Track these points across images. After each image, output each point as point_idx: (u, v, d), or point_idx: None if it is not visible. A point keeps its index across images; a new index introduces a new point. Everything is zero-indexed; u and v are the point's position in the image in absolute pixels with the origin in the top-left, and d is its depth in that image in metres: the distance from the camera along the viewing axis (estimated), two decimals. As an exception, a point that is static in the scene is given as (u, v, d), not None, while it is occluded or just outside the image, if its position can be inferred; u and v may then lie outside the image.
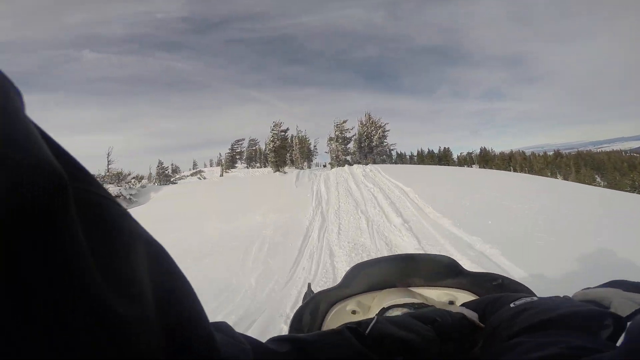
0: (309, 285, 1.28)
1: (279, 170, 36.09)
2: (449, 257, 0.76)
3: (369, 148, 36.28)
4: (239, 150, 60.89)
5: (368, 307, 0.75)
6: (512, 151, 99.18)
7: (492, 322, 0.45)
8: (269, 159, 37.94)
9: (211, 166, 62.20)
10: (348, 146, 31.97)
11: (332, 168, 30.75)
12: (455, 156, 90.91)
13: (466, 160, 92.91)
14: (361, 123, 37.84)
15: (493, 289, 0.68)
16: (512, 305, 0.44)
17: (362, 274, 0.77)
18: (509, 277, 0.70)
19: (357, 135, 36.32)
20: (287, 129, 38.50)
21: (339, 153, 29.95)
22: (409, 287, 0.75)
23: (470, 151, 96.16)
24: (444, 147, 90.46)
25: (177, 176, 45.40)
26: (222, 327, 0.36)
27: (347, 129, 32.30)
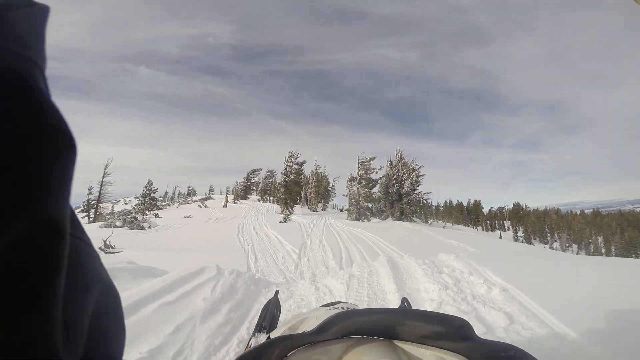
0: (277, 293, 1.12)
1: (287, 209, 29.50)
2: (463, 319, 0.57)
3: (398, 195, 29.35)
4: (254, 181, 55.58)
5: (338, 357, 0.58)
6: (546, 208, 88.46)
7: None
8: (278, 195, 31.67)
9: (228, 193, 56.99)
10: (373, 190, 25.03)
11: (348, 216, 23.97)
12: (485, 210, 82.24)
13: (497, 216, 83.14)
14: (390, 164, 31.26)
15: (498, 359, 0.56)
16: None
17: (346, 323, 0.58)
18: (523, 349, 0.56)
19: (384, 177, 29.66)
20: (304, 162, 32.47)
21: (361, 198, 23.00)
22: (395, 339, 0.60)
23: (502, 206, 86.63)
24: (475, 200, 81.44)
25: (165, 203, 40.01)
26: None
27: (374, 169, 25.60)
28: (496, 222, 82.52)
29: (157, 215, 25.99)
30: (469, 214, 77.93)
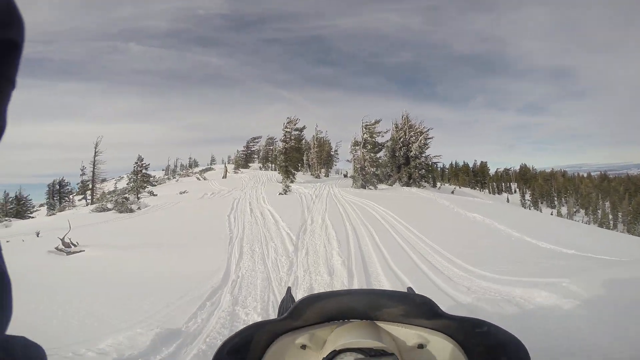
0: (289, 289, 1.06)
1: (287, 177, 27.69)
2: (425, 297, 0.60)
3: (405, 159, 27.22)
4: (254, 149, 53.45)
5: (323, 341, 0.61)
6: (552, 170, 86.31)
7: None
8: (278, 161, 29.70)
9: (227, 163, 55.21)
10: (379, 155, 22.92)
11: (353, 184, 22.07)
12: (491, 171, 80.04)
13: (503, 178, 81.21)
14: (396, 127, 28.77)
15: (475, 336, 0.57)
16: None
17: (316, 307, 0.60)
18: (496, 324, 0.58)
19: (390, 141, 27.34)
20: (304, 128, 30.13)
21: (366, 163, 20.98)
22: (377, 320, 0.62)
23: (508, 167, 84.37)
24: (481, 161, 79.10)
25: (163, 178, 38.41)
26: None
27: (379, 132, 23.28)
28: (502, 184, 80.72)
29: (152, 193, 24.37)
30: (475, 176, 75.95)
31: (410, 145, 27.36)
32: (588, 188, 67.99)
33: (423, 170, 27.16)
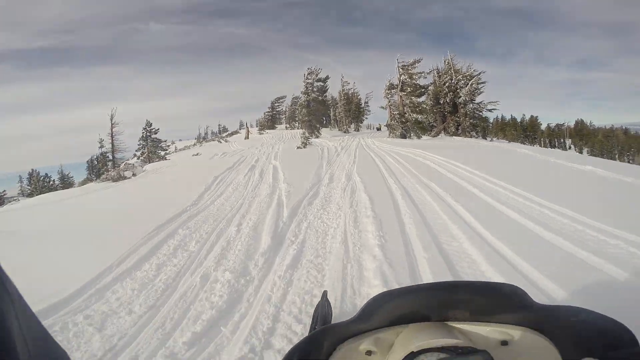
0: (325, 293, 1.01)
1: (312, 132, 23.77)
2: (514, 286, 0.50)
3: (453, 106, 21.93)
4: (280, 109, 49.46)
5: (389, 345, 0.54)
6: (612, 126, 74.21)
7: None
8: (299, 117, 25.71)
9: (249, 126, 52.29)
10: (421, 99, 17.98)
11: (390, 134, 17.61)
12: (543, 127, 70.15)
13: (556, 134, 71.02)
14: (438, 72, 22.92)
15: (569, 327, 0.47)
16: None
17: (387, 306, 0.53)
18: (594, 310, 0.47)
19: (432, 86, 21.95)
20: (327, 78, 25.36)
21: (406, 108, 16.36)
22: (447, 321, 0.53)
23: (561, 123, 73.42)
24: (531, 115, 69.13)
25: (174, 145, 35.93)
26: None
27: (420, 73, 18.11)
28: (555, 140, 70.93)
29: (163, 158, 21.85)
30: (524, 131, 66.77)
31: (458, 90, 21.81)
32: None
33: (475, 120, 21.79)
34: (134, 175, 14.10)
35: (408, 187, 4.91)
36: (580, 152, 60.90)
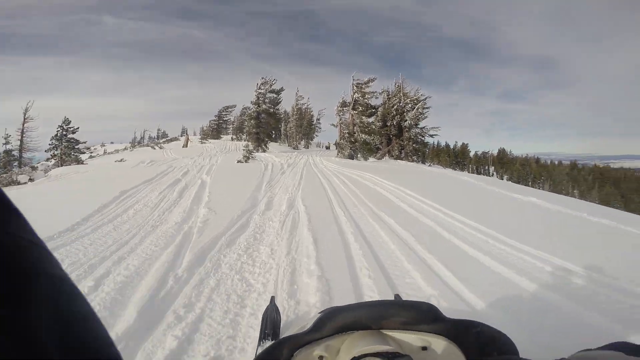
0: (273, 298, 1.12)
1: (259, 148, 22.39)
2: (429, 304, 0.67)
3: (398, 129, 22.58)
4: (227, 119, 47.01)
5: (337, 350, 0.66)
6: (527, 155, 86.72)
7: None
8: (247, 128, 24.21)
9: (188, 133, 48.70)
10: (370, 120, 17.98)
11: (338, 153, 17.20)
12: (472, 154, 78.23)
13: (481, 161, 79.77)
14: (387, 95, 23.68)
15: (470, 336, 0.63)
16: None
17: (336, 318, 0.66)
18: (487, 324, 0.65)
19: (381, 108, 22.42)
20: (282, 90, 24.46)
21: (356, 128, 16.11)
22: (382, 329, 0.67)
23: (486, 151, 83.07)
24: (462, 143, 76.71)
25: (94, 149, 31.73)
26: None
27: (373, 93, 18.23)
28: (481, 167, 79.74)
29: (80, 161, 18.42)
30: (456, 157, 73.55)
31: (405, 113, 22.61)
32: (561, 175, 69.83)
33: (417, 144, 22.66)
34: (30, 180, 11.23)
35: (361, 222, 4.00)
36: (502, 179, 69.10)
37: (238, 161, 12.21)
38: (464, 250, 3.08)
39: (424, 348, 0.63)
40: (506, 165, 75.26)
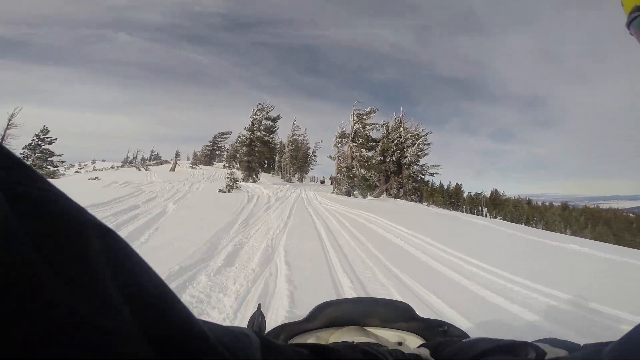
0: (259, 306, 1.07)
1: (249, 178, 20.87)
2: (406, 304, 0.75)
3: (397, 166, 21.44)
4: (221, 145, 45.96)
5: (326, 341, 0.72)
6: (519, 197, 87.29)
7: (447, 353, 0.50)
8: (239, 156, 22.85)
9: (178, 158, 47.45)
10: (369, 154, 16.73)
11: (335, 188, 15.70)
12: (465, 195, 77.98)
13: (474, 202, 79.34)
14: (386, 130, 22.90)
15: (438, 334, 0.71)
16: (464, 340, 0.51)
17: (326, 312, 0.75)
18: (453, 324, 0.71)
19: (380, 142, 21.46)
20: (278, 118, 23.50)
21: (355, 162, 14.77)
22: (365, 326, 0.75)
23: (479, 192, 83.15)
24: (456, 183, 76.63)
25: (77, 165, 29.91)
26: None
27: (374, 125, 17.21)
28: (474, 208, 79.31)
29: (52, 175, 16.59)
30: (450, 197, 72.97)
31: (405, 149, 21.62)
32: (554, 216, 70.39)
33: (417, 183, 21.39)
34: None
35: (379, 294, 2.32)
36: (496, 218, 68.26)
37: (220, 190, 10.55)
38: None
39: (400, 343, 0.68)
40: (499, 207, 74.83)
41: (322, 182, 29.96)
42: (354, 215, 7.32)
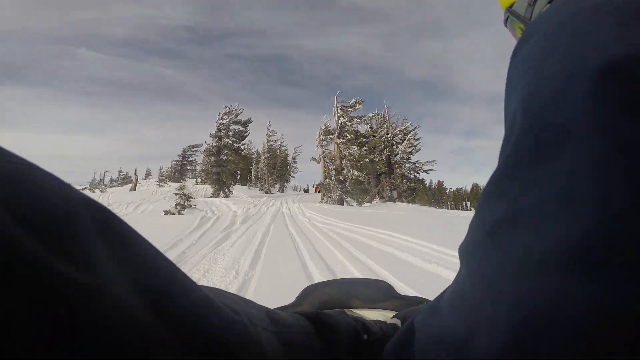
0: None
1: (220, 192, 17.72)
2: (386, 282, 0.76)
3: (388, 165, 19.02)
4: (192, 159, 42.07)
5: None
6: None
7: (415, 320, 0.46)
8: (206, 166, 19.59)
9: (136, 176, 43.29)
10: (360, 152, 14.03)
11: (324, 197, 12.96)
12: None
13: (457, 197, 79.46)
14: (371, 129, 20.33)
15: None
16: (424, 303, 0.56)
17: (312, 295, 0.74)
18: (430, 299, 0.58)
19: (367, 140, 18.98)
20: (249, 122, 20.52)
21: (344, 162, 12.03)
22: (350, 308, 0.72)
23: (460, 187, 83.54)
24: (438, 180, 76.22)
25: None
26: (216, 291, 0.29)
27: (362, 118, 14.65)
28: (459, 203, 78.95)
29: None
30: (433, 195, 72.32)
31: (394, 146, 19.27)
32: None
33: (414, 182, 19.07)
34: None
35: None
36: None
37: (165, 212, 7.44)
38: None
39: None
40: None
41: (306, 191, 27.15)
42: (355, 232, 4.55)
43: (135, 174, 26.59)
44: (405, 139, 19.30)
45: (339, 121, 13.54)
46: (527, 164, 0.19)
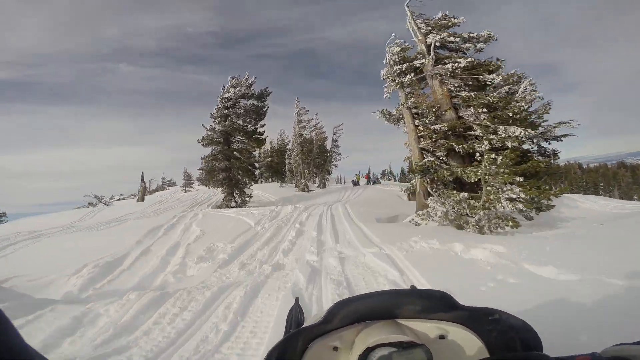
0: (297, 300, 1.07)
1: (231, 200, 11.66)
2: (443, 292, 0.65)
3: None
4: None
5: (351, 341, 0.65)
6: (567, 162, 74.39)
7: None
8: (204, 161, 13.48)
9: (144, 181, 39.91)
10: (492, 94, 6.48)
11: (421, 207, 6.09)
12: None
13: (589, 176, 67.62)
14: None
15: (488, 324, 0.61)
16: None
17: (345, 311, 0.65)
18: (506, 311, 0.62)
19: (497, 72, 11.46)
20: (267, 93, 14.02)
21: (471, 113, 4.56)
22: (397, 318, 0.65)
23: (584, 161, 70.01)
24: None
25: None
26: None
27: (471, 37, 6.94)
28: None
29: None
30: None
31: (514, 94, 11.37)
32: (625, 178, 56.92)
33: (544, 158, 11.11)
34: None
35: None
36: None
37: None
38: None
39: (442, 337, 0.62)
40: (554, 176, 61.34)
41: (356, 183, 20.12)
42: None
43: (142, 180, 21.86)
44: (518, 90, 11.33)
45: (427, 39, 6.24)
46: None
